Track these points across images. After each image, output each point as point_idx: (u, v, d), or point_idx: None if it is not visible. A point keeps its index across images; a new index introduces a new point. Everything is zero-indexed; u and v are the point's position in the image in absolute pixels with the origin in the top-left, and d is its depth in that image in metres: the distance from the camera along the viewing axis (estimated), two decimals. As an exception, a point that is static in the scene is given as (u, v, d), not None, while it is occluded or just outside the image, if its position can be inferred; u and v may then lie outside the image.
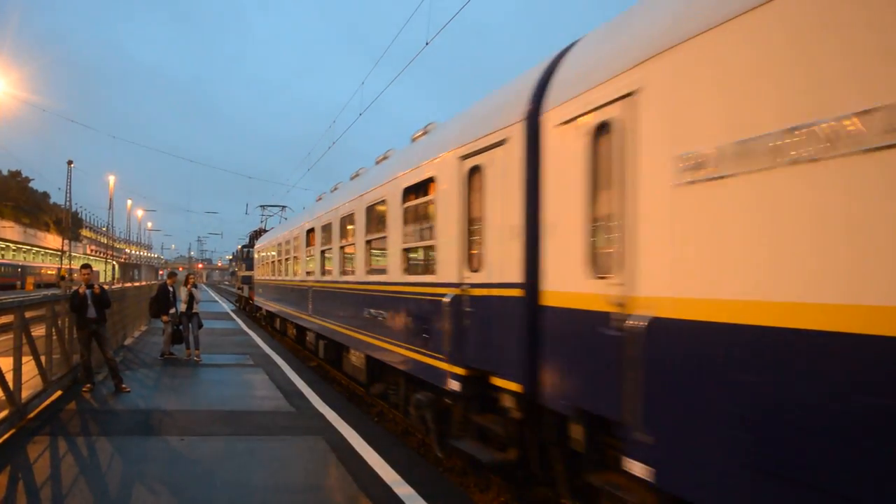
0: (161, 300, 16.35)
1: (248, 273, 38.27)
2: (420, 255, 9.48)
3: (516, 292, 6.38)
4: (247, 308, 38.10)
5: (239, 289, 45.35)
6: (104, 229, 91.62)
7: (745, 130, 3.74)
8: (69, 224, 78.12)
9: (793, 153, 3.43)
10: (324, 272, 15.84)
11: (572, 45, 6.37)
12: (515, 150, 6.49)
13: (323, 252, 15.97)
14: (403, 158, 10.39)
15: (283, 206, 42.54)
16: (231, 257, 67.46)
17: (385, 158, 12.19)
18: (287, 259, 21.88)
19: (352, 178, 14.86)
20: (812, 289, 3.31)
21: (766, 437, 3.52)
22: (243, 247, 43.67)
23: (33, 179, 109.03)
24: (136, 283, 31.78)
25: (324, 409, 10.51)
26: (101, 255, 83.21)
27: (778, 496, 3.44)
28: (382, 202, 10.82)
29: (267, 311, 27.76)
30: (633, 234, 4.70)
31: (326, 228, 15.38)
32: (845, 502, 3.08)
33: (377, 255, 11.60)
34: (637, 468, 4.55)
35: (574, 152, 5.53)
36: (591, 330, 5.15)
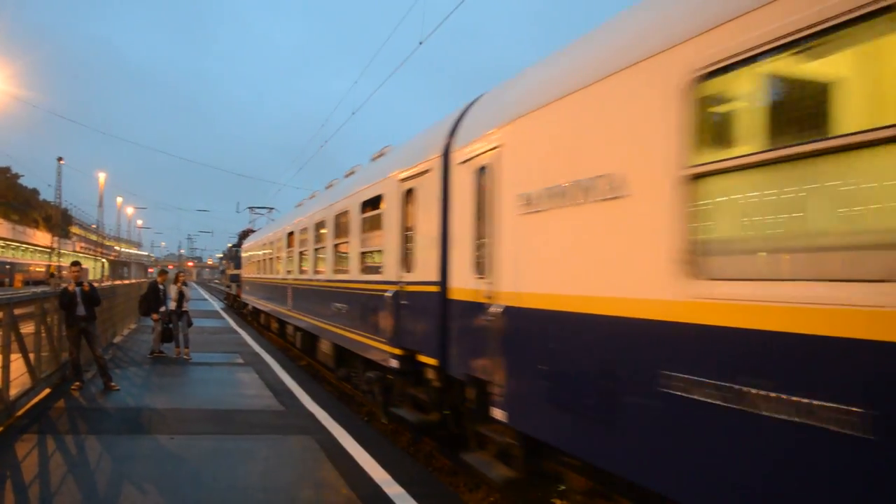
0: (151, 298, 16.28)
1: (236, 272, 39.92)
2: (372, 257, 11.10)
3: (434, 288, 8.04)
4: (235, 305, 39.72)
5: (227, 287, 47.24)
6: (94, 227, 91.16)
7: (550, 181, 5.48)
8: (59, 221, 77.78)
9: (571, 197, 5.18)
10: (301, 271, 17.53)
11: (476, 98, 8.08)
12: (435, 179, 8.18)
13: (300, 253, 17.63)
14: (363, 176, 12.35)
15: (271, 208, 44.61)
16: (221, 256, 67.90)
17: (352, 173, 14.04)
18: (271, 259, 23.59)
19: (326, 188, 16.58)
20: (579, 285, 5.07)
21: (560, 384, 5.29)
22: (232, 246, 45.57)
23: (23, 176, 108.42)
24: (126, 281, 31.87)
25: (314, 409, 10.51)
26: (91, 252, 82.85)
27: (566, 420, 5.24)
28: (346, 212, 12.61)
29: (253, 307, 29.63)
30: (497, 247, 6.41)
31: (303, 232, 17.17)
32: (598, 422, 4.81)
33: (342, 257, 13.14)
34: (498, 414, 6.24)
35: (467, 185, 7.28)
36: (473, 315, 6.87)
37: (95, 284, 13.48)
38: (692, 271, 3.94)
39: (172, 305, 16.25)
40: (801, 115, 3.60)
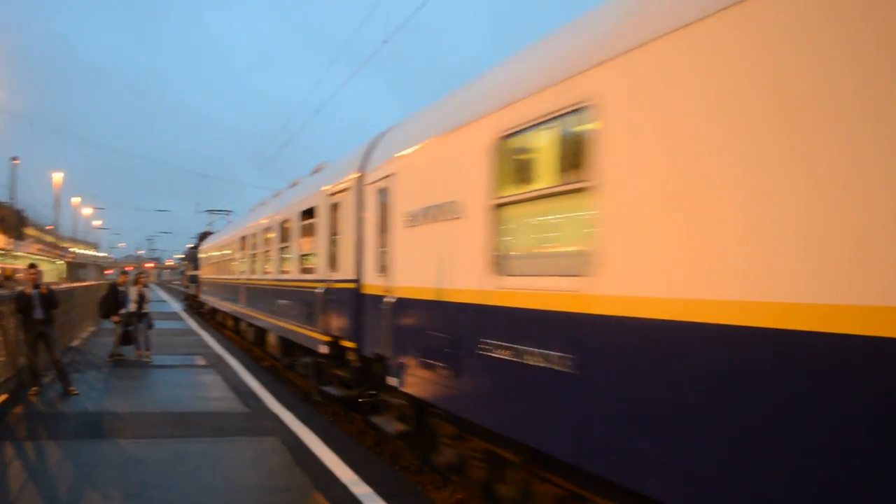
0: (111, 300, 16.02)
1: (194, 272, 40.94)
2: (309, 260, 12.79)
3: (352, 285, 9.71)
4: (194, 305, 40.46)
5: (186, 287, 48.77)
6: (50, 228, 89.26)
7: (423, 203, 7.09)
8: (13, 223, 75.94)
9: (434, 216, 6.80)
10: (252, 272, 19.26)
11: (383, 132, 9.79)
12: (352, 196, 9.90)
13: (252, 255, 19.31)
14: (301, 189, 14.33)
15: (229, 211, 45.38)
16: (182, 256, 67.49)
17: (295, 185, 15.89)
18: (226, 260, 25.33)
19: (274, 196, 18.37)
20: (437, 280, 6.64)
21: (426, 354, 6.86)
22: (192, 247, 46.47)
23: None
24: (85, 283, 31.41)
25: (278, 410, 10.45)
26: (47, 254, 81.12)
27: (431, 380, 6.76)
28: (288, 220, 14.42)
29: (211, 306, 31.29)
30: (392, 252, 8.05)
31: (254, 236, 18.96)
32: (448, 378, 6.33)
33: (285, 259, 14.82)
34: (393, 381, 7.87)
35: (372, 203, 8.98)
36: (377, 305, 8.46)
37: (53, 287, 13.22)
38: (497, 270, 5.61)
39: (133, 307, 16.00)
40: (544, 169, 5.34)
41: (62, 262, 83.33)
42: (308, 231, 12.72)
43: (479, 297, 5.82)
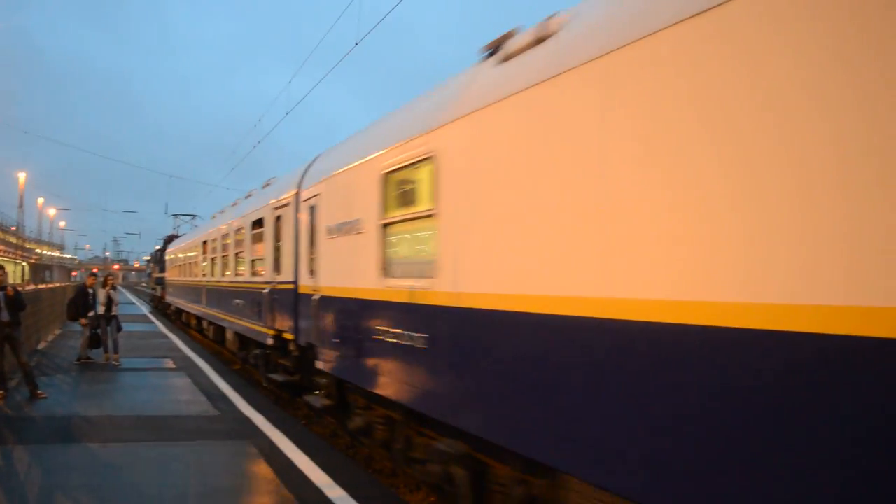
0: (79, 302, 15.80)
1: (161, 275, 41.71)
2: (258, 264, 14.32)
3: (291, 286, 11.17)
4: (160, 306, 41.43)
5: (153, 289, 50.26)
6: (13, 229, 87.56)
7: (339, 219, 8.70)
8: (-25, 223, 74.45)
9: (346, 230, 8.35)
10: (212, 274, 20.63)
11: (317, 156, 11.31)
12: (292, 210, 11.41)
13: (212, 259, 20.70)
14: (253, 201, 15.90)
15: (194, 216, 48.02)
16: (149, 258, 67.68)
17: (250, 196, 17.43)
18: (190, 263, 26.66)
19: (232, 206, 19.88)
20: (347, 280, 8.36)
21: (340, 340, 8.51)
22: (158, 250, 47.19)
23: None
24: (51, 285, 31.03)
25: (250, 413, 10.41)
26: (11, 255, 79.59)
27: (344, 361, 8.38)
28: (242, 228, 15.99)
29: (176, 307, 32.55)
30: (318, 258, 9.64)
31: (214, 241, 20.41)
32: (354, 358, 8.03)
33: (240, 263, 16.35)
34: (320, 365, 9.40)
35: (306, 217, 10.51)
36: (308, 302, 10.00)
37: (19, 289, 13.01)
38: (383, 273, 7.23)
39: (101, 310, 15.80)
40: (412, 198, 7.02)
41: (24, 263, 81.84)
42: (258, 238, 14.24)
43: (373, 294, 7.49)
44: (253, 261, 14.80)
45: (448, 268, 5.81)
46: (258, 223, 14.09)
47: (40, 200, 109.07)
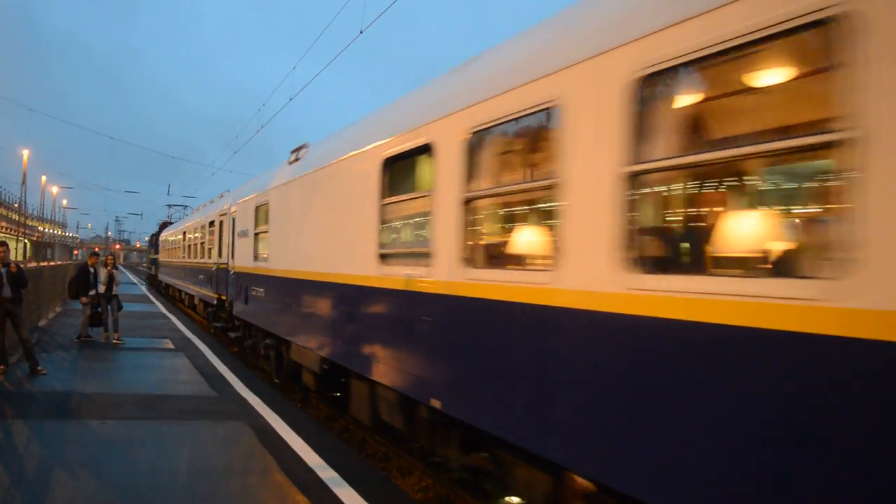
0: (81, 281, 15.90)
1: (155, 256, 51.20)
2: (212, 251, 20.89)
3: (225, 265, 17.44)
4: (154, 283, 49.49)
5: (149, 268, 63.12)
6: (16, 206, 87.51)
7: (241, 227, 15.34)
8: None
9: (244, 234, 15.14)
10: (187, 256, 27.74)
11: (243, 185, 17.78)
12: (228, 217, 17.24)
13: (187, 246, 27.78)
14: (210, 208, 22.88)
15: (186, 206, 59.41)
16: (149, 240, 70.40)
17: (213, 202, 23.78)
18: (174, 248, 33.83)
19: (202, 207, 26.90)
20: (246, 262, 14.75)
21: (244, 296, 14.56)
22: (153, 235, 58.34)
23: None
24: (53, 263, 31.54)
25: (247, 395, 10.53)
26: (13, 232, 79.57)
27: (249, 311, 14.12)
28: (203, 226, 22.94)
29: (165, 283, 39.78)
30: (235, 250, 15.88)
31: (187, 232, 28.01)
32: (244, 302, 14.93)
33: (200, 249, 23.56)
34: (235, 312, 15.75)
35: (230, 223, 17.14)
36: (229, 275, 16.79)
37: (22, 266, 13.11)
38: (255, 259, 13.23)
39: (102, 289, 15.92)
40: (263, 220, 13.31)
41: (25, 240, 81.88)
42: (211, 234, 21.05)
43: (251, 270, 13.83)
44: (209, 249, 21.52)
45: (273, 258, 12.38)
46: (211, 223, 20.92)
47: (43, 178, 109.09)
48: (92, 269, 16.03)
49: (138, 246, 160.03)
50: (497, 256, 6.01)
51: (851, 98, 2.95)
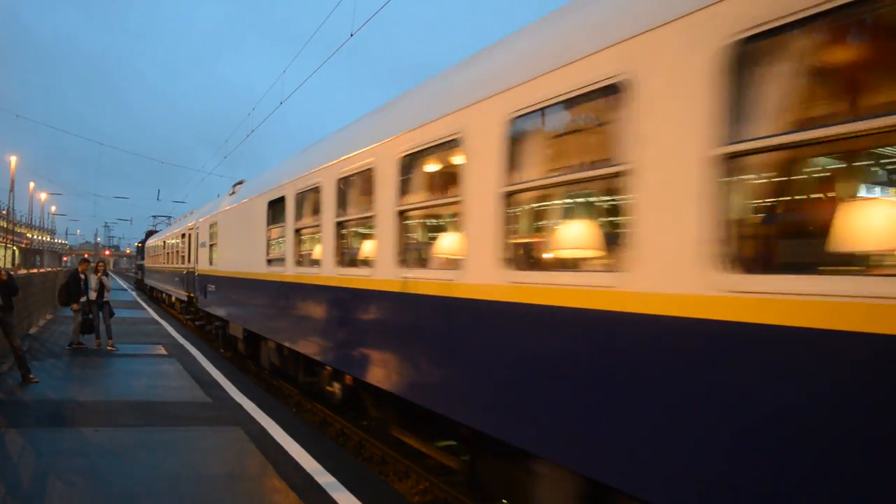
0: (72, 288, 15.80)
1: (141, 262, 58.19)
2: (185, 257, 25.36)
3: (193, 269, 22.20)
4: (140, 286, 54.52)
5: (136, 273, 71.25)
6: (4, 212, 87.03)
7: (202, 240, 20.23)
8: (-35, 206, 73.90)
9: (203, 245, 20.11)
10: (165, 262, 33.77)
11: (206, 205, 23.90)
12: (195, 231, 22.12)
13: (165, 252, 33.71)
14: (183, 221, 29.14)
15: (169, 217, 64.18)
16: (137, 246, 74.06)
17: (190, 213, 28.21)
18: (158, 255, 39.05)
19: (184, 217, 31.17)
20: (206, 266, 19.56)
21: (202, 290, 19.92)
22: (140, 242, 64.67)
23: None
24: (43, 270, 31.53)
25: (241, 400, 10.48)
26: (1, 239, 79.17)
27: (208, 302, 18.96)
28: (177, 236, 28.45)
29: (150, 286, 45.09)
30: (199, 256, 21.00)
31: (168, 240, 33.04)
32: (204, 296, 19.99)
33: (176, 256, 28.76)
34: (200, 305, 20.68)
35: (196, 235, 21.87)
36: (194, 277, 21.81)
37: (11, 273, 13.02)
38: (210, 264, 18.57)
39: (93, 295, 15.83)
40: (215, 236, 18.02)
41: (14, 248, 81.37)
42: (184, 243, 25.63)
43: (205, 271, 19.12)
44: (183, 256, 26.21)
45: (219, 262, 17.08)
46: (184, 235, 25.92)
47: (31, 184, 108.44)
48: (82, 276, 15.92)
49: (128, 252, 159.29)
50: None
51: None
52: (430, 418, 6.46)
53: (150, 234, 57.84)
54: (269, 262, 11.92)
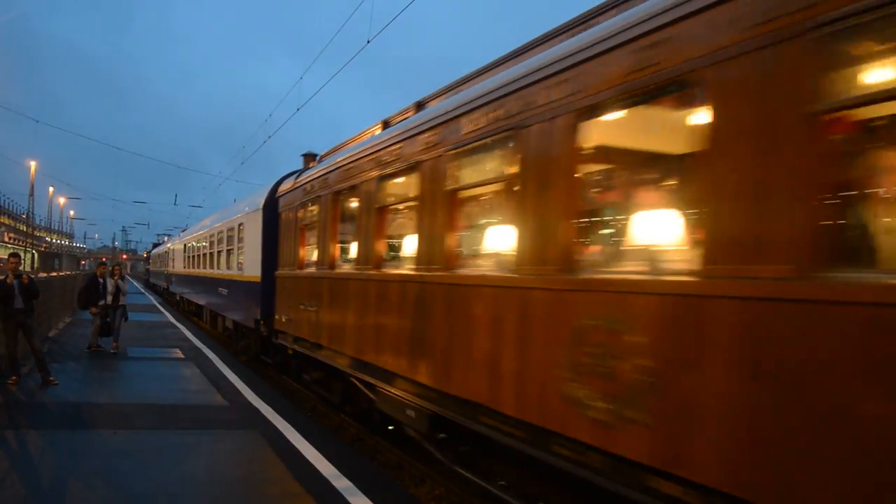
0: (91, 291, 15.96)
1: (148, 266, 73.12)
2: (172, 263, 42.98)
3: (173, 271, 42.39)
4: (148, 285, 65.92)
5: (145, 275, 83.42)
6: (24, 216, 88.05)
7: (182, 254, 35.50)
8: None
9: (188, 264, 32.31)
10: (164, 266, 48.02)
11: (186, 228, 47.29)
12: (171, 250, 45.25)
13: (164, 260, 48.58)
14: (173, 239, 51.22)
15: (169, 234, 74.32)
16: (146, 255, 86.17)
17: (185, 229, 47.56)
18: (161, 261, 52.01)
19: (181, 233, 46.16)
20: (180, 268, 36.94)
21: (175, 282, 39.79)
22: (148, 251, 77.16)
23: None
24: (62, 273, 32.23)
25: (258, 404, 10.53)
26: (21, 243, 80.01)
27: (181, 289, 36.09)
28: (167, 249, 49.51)
29: (153, 283, 58.57)
30: (175, 263, 41.44)
31: (169, 251, 44.58)
32: (193, 294, 31.11)
33: (170, 261, 43.92)
34: (175, 290, 39.53)
35: (181, 248, 37.11)
36: (171, 277, 42.53)
37: (33, 276, 13.17)
38: (185, 266, 33.69)
39: (109, 299, 15.97)
40: (194, 252, 30.88)
41: (33, 251, 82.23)
42: (174, 254, 39.17)
43: (183, 272, 34.20)
44: (172, 261, 37.51)
45: (178, 266, 35.74)
46: (174, 249, 38.57)
47: (50, 189, 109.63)
48: (101, 280, 16.08)
49: (145, 255, 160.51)
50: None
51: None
52: None
53: (155, 245, 75.93)
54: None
